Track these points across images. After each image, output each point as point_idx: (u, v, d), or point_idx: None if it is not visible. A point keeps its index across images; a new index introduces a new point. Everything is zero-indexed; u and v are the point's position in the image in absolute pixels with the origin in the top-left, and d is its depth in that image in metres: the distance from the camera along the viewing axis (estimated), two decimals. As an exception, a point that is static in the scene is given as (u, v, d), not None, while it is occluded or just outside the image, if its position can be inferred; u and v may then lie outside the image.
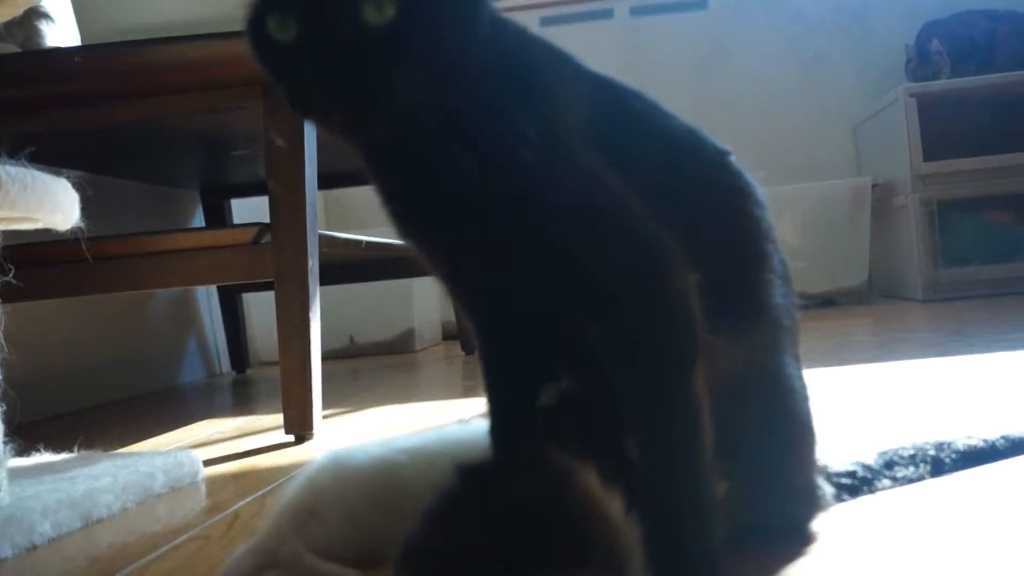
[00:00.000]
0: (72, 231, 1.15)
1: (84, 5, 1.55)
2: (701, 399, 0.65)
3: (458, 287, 0.73)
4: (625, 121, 0.69)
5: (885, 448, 0.90)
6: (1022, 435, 0.93)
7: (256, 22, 0.60)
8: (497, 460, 0.71)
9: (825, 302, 3.36)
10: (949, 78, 3.26)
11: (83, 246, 1.19)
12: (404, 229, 0.69)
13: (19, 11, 1.19)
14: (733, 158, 0.74)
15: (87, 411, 2.16)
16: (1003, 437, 0.93)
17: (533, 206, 0.63)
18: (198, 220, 2.79)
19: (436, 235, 0.68)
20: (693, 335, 0.65)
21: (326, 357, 3.01)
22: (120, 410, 2.15)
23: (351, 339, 3.10)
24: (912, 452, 0.90)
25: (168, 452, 1.22)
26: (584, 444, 0.67)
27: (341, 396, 2.01)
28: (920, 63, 3.34)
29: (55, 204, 1.04)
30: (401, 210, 0.69)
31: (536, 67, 0.67)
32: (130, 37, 1.48)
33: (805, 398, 0.72)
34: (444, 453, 0.81)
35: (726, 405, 0.66)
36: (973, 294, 3.05)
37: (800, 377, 0.72)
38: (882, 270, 3.47)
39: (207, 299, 2.90)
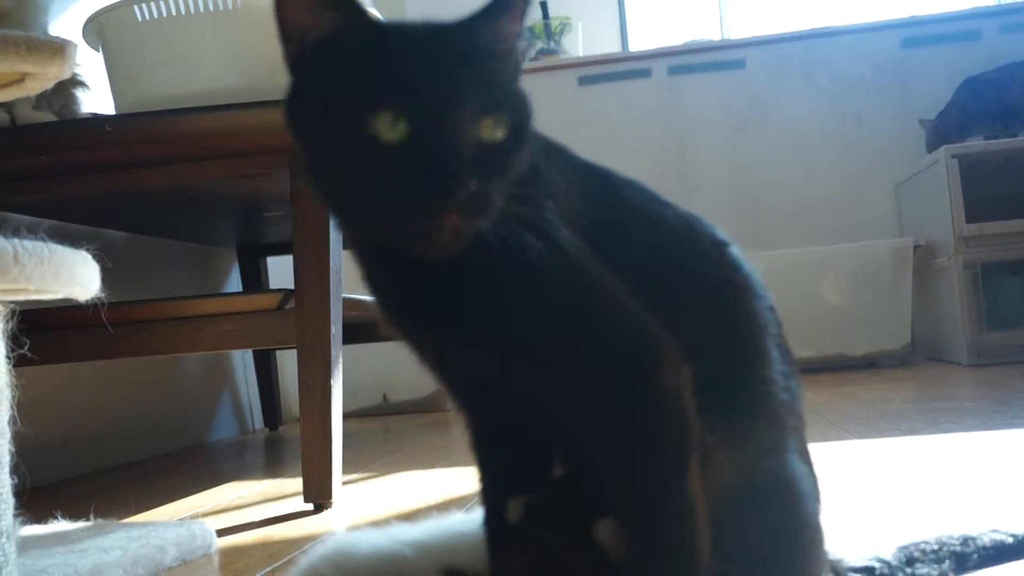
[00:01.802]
0: (94, 299, 1.16)
1: (119, 73, 1.58)
2: (696, 499, 0.62)
3: (447, 377, 0.72)
4: (618, 212, 0.68)
5: (906, 541, 0.87)
6: (1054, 530, 0.89)
7: (356, 114, 0.58)
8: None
9: (867, 364, 3.30)
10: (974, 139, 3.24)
11: (102, 313, 1.20)
12: (393, 319, 0.69)
13: (49, 85, 1.21)
14: (732, 248, 0.72)
15: (116, 470, 2.16)
16: (1034, 530, 0.89)
17: (532, 298, 0.63)
18: (235, 277, 2.82)
19: (428, 327, 0.68)
20: (686, 431, 0.63)
21: (359, 415, 3.03)
22: (148, 470, 2.16)
23: (384, 397, 3.09)
24: (935, 547, 0.86)
25: (181, 523, 1.21)
26: (574, 542, 0.65)
27: (369, 458, 1.99)
28: (928, 141, 3.34)
29: (72, 276, 1.04)
30: (394, 301, 0.69)
31: (538, 162, 0.67)
32: (163, 105, 1.51)
33: (813, 499, 0.69)
34: (446, 548, 0.80)
35: (725, 509, 0.64)
36: (1020, 359, 2.97)
37: (806, 476, 0.69)
38: (926, 332, 3.40)
39: (241, 355, 2.92)
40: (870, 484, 1.29)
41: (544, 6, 3.92)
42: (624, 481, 0.63)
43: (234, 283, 2.82)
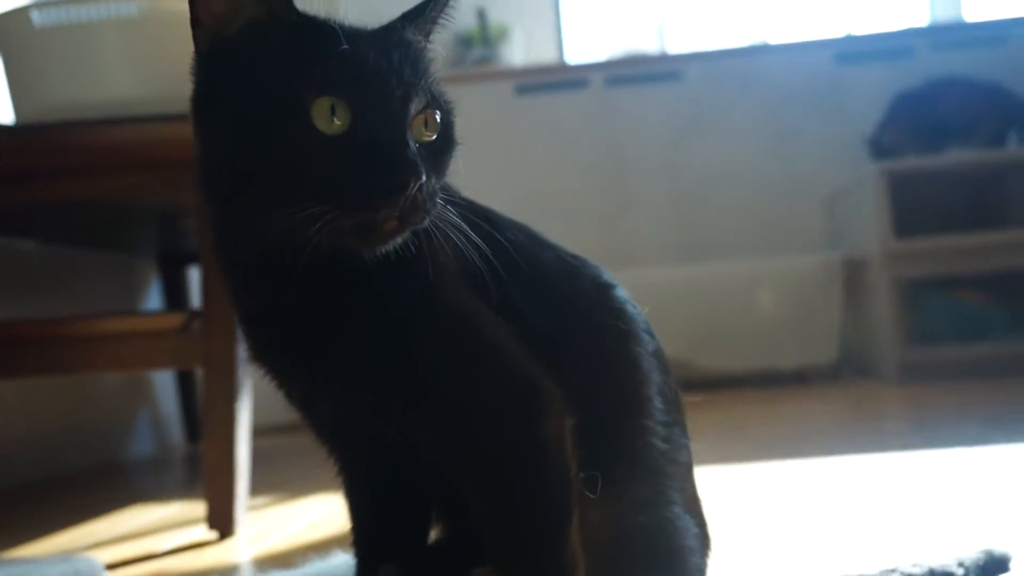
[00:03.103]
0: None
1: (18, 80, 1.51)
2: (576, 555, 0.60)
3: (315, 419, 0.69)
4: (501, 255, 0.66)
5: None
6: (949, 570, 0.88)
7: (293, 103, 0.56)
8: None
9: (797, 378, 3.31)
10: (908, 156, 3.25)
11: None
12: (261, 351, 0.66)
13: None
14: (618, 291, 0.70)
15: (15, 491, 2.05)
16: (931, 571, 0.88)
17: (414, 340, 0.60)
18: (155, 288, 2.74)
19: (298, 360, 0.64)
20: (568, 486, 0.61)
21: (285, 429, 2.95)
22: (52, 490, 2.06)
23: (310, 410, 3.03)
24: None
25: (66, 558, 1.16)
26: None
27: (285, 478, 1.94)
28: (878, 156, 3.34)
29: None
30: (264, 329, 0.65)
31: None
32: (65, 113, 1.45)
33: (696, 551, 0.67)
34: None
35: (603, 564, 0.61)
36: (945, 375, 3.00)
37: (688, 528, 0.67)
38: (855, 347, 3.43)
39: (163, 366, 2.82)
40: (779, 512, 1.28)
41: (482, 13, 3.89)
42: (503, 537, 0.61)
43: (154, 294, 2.73)
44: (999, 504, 1.22)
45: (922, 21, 3.97)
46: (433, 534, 0.73)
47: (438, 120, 0.61)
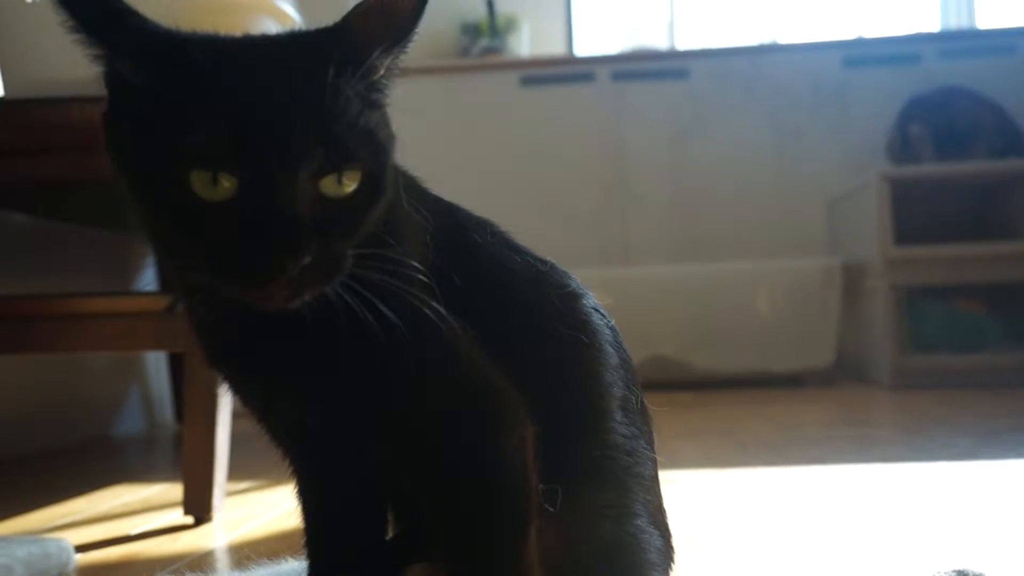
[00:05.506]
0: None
1: (8, 54, 1.50)
2: (533, 568, 0.59)
3: (272, 426, 0.68)
4: (466, 260, 0.64)
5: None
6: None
7: (170, 170, 0.51)
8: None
9: (792, 381, 3.30)
10: (932, 162, 3.21)
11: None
12: (216, 361, 0.64)
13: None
14: (585, 300, 0.68)
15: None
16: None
17: (374, 359, 0.58)
18: (151, 268, 2.72)
19: (256, 375, 0.63)
20: (527, 497, 0.59)
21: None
22: (35, 467, 2.05)
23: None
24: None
25: (35, 539, 1.15)
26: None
27: (267, 464, 1.92)
28: (903, 148, 3.30)
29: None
30: (219, 343, 0.63)
31: (396, 211, 0.61)
32: (56, 89, 1.44)
33: (655, 564, 0.66)
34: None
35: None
36: (940, 383, 2.99)
37: (649, 541, 0.66)
38: (851, 352, 3.42)
39: (154, 345, 2.81)
40: (755, 521, 1.27)
41: (491, 3, 3.86)
42: (459, 547, 0.60)
43: (149, 275, 2.71)
44: (980, 522, 1.21)
45: (933, 27, 3.94)
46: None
47: (356, 173, 0.54)
